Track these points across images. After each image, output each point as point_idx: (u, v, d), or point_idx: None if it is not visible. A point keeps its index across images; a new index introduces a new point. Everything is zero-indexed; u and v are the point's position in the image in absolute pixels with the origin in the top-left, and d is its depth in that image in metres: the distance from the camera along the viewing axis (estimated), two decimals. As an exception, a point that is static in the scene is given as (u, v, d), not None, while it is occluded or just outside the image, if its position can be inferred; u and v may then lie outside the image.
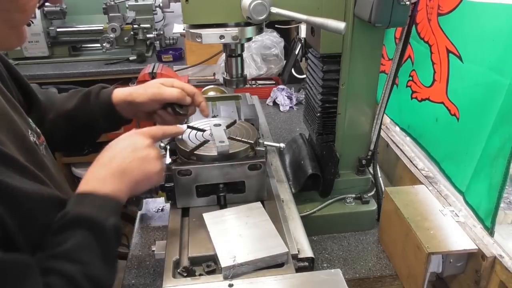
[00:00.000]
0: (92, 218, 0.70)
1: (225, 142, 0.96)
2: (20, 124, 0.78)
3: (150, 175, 0.83)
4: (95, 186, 0.75)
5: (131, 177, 0.79)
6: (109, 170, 0.78)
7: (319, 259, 1.12)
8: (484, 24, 0.96)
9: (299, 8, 0.94)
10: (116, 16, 2.59)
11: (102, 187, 0.75)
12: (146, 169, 0.82)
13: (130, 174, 0.79)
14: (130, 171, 0.79)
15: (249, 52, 2.18)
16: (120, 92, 1.04)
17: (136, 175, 0.80)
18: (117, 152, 0.81)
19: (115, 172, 0.78)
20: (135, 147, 0.82)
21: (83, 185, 0.76)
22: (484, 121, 0.95)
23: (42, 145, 0.85)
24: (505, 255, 0.89)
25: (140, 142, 0.84)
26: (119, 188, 0.77)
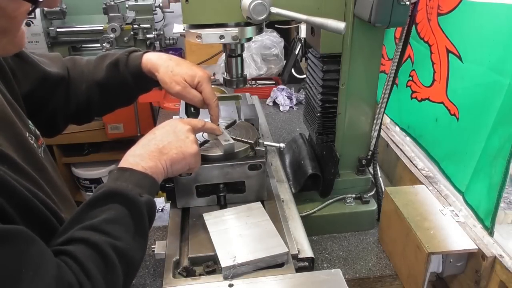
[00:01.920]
0: (127, 193, 0.71)
1: (230, 140, 0.96)
2: (19, 126, 0.78)
3: (186, 156, 0.85)
4: (132, 163, 0.77)
5: (169, 156, 0.82)
6: (147, 148, 0.82)
7: (319, 259, 1.12)
8: (484, 24, 0.96)
9: (299, 8, 0.94)
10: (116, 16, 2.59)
11: (139, 164, 0.78)
12: (183, 149, 0.84)
13: (167, 153, 0.82)
14: (168, 150, 0.83)
15: (249, 52, 2.18)
16: (149, 61, 1.02)
17: (173, 154, 0.83)
18: (157, 134, 0.85)
19: (154, 151, 0.81)
20: (175, 130, 0.87)
21: (122, 162, 0.78)
22: (484, 121, 0.95)
23: (41, 147, 0.84)
24: (505, 255, 0.89)
25: (180, 126, 0.88)
26: (156, 165, 0.80)
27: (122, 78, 1.03)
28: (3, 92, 0.81)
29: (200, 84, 0.98)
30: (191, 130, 0.89)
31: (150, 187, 0.77)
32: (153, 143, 0.83)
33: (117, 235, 0.68)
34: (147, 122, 2.52)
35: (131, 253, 0.69)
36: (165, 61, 1.01)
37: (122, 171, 0.76)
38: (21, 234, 0.59)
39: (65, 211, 0.79)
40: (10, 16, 0.65)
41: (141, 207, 0.72)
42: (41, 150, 0.83)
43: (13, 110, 0.80)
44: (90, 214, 0.69)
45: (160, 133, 0.86)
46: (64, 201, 0.82)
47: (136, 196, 0.72)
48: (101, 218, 0.68)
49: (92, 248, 0.64)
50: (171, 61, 1.00)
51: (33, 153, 0.78)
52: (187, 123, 0.90)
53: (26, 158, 0.75)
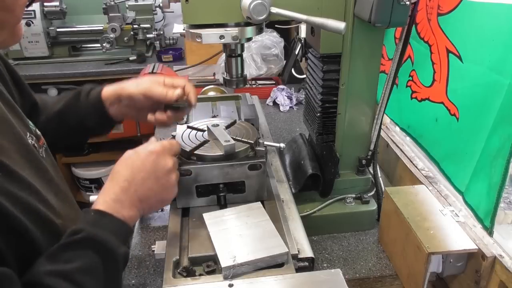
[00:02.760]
0: (107, 244, 0.69)
1: (230, 140, 0.96)
2: (19, 127, 0.78)
3: (164, 202, 0.84)
4: (113, 209, 0.74)
5: (148, 205, 0.80)
6: (128, 196, 0.77)
7: (319, 259, 1.12)
8: (484, 24, 0.96)
9: (299, 8, 0.94)
10: (116, 16, 2.59)
11: (120, 212, 0.74)
12: (163, 197, 0.83)
13: (147, 202, 0.79)
14: (148, 198, 0.79)
15: (249, 52, 2.18)
16: (110, 87, 1.03)
17: (152, 202, 0.80)
18: (140, 177, 0.79)
19: (134, 200, 0.77)
20: (157, 174, 0.80)
21: (101, 203, 0.74)
22: (484, 121, 0.95)
23: (42, 147, 0.84)
24: (505, 255, 0.89)
25: (162, 165, 0.81)
26: (135, 215, 0.77)
27: (80, 108, 1.01)
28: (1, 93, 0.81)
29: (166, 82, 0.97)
30: (174, 162, 0.84)
31: (127, 235, 0.75)
32: (133, 189, 0.77)
33: (87, 286, 0.66)
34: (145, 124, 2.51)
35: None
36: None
37: (102, 215, 0.73)
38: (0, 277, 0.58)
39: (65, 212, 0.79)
40: (9, 9, 0.65)
41: (118, 259, 0.70)
42: (42, 151, 0.83)
43: (12, 111, 0.80)
44: (64, 256, 0.66)
45: (140, 174, 0.79)
46: (66, 201, 0.82)
47: (115, 248, 0.70)
48: (74, 266, 0.65)
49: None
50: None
51: (33, 154, 0.78)
52: (169, 152, 0.84)
53: (27, 160, 0.75)
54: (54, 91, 2.78)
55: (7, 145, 0.71)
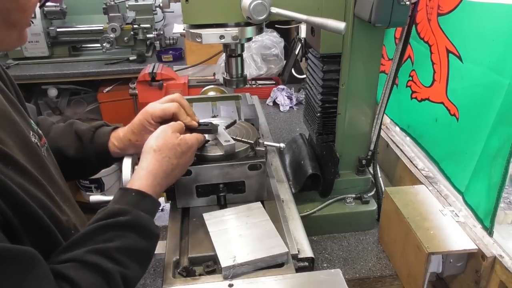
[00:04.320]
0: (149, 227, 0.75)
1: (230, 140, 0.96)
2: (22, 125, 0.78)
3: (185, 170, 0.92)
4: (153, 190, 0.81)
5: (176, 177, 0.89)
6: (167, 180, 0.85)
7: (319, 259, 1.12)
8: (484, 24, 0.96)
9: (299, 8, 0.94)
10: (116, 16, 2.59)
11: (157, 193, 0.82)
12: (186, 167, 0.91)
13: (176, 175, 0.88)
14: (178, 173, 0.89)
15: (249, 52, 2.18)
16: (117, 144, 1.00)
17: (179, 174, 0.90)
18: (181, 166, 0.87)
19: (169, 183, 0.87)
20: (188, 160, 0.89)
21: (144, 181, 0.81)
22: (484, 121, 0.95)
23: (44, 146, 0.84)
24: (505, 255, 0.89)
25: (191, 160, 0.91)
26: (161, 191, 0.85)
27: (84, 153, 1.00)
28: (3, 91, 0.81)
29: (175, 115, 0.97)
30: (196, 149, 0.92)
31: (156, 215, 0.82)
32: (172, 175, 0.86)
33: (128, 265, 0.70)
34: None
35: (135, 281, 0.72)
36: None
37: (143, 197, 0.79)
38: (26, 255, 0.59)
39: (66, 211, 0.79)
40: (22, 8, 0.66)
41: (156, 240, 0.77)
42: (44, 150, 0.83)
43: (15, 109, 0.80)
44: (106, 235, 0.70)
45: (181, 166, 0.88)
46: (66, 200, 0.82)
47: (155, 230, 0.77)
48: (116, 245, 0.69)
49: (103, 276, 0.65)
50: None
51: (37, 153, 0.78)
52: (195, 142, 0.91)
53: (30, 157, 0.75)
54: (54, 91, 2.78)
55: (12, 143, 0.72)
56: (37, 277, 0.59)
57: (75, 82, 2.74)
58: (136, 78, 2.22)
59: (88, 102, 2.96)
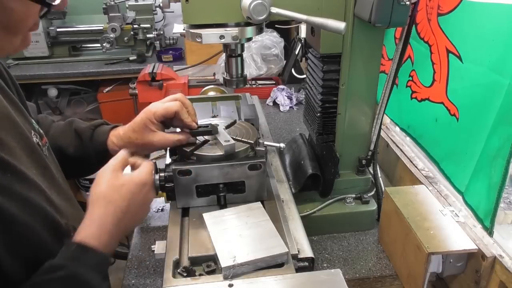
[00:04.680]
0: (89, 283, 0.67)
1: (230, 140, 0.96)
2: (23, 125, 0.78)
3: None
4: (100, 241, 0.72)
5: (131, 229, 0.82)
6: (119, 228, 0.76)
7: (319, 259, 1.12)
8: (484, 24, 0.96)
9: (299, 8, 0.94)
10: (116, 16, 2.59)
11: (107, 244, 0.73)
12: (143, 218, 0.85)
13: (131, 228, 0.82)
14: (131, 228, 0.83)
15: (249, 52, 2.18)
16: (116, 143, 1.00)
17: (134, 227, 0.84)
18: (134, 210, 0.79)
19: (122, 231, 0.77)
20: (145, 207, 0.83)
21: (89, 233, 0.72)
22: (484, 121, 0.95)
23: (45, 146, 0.84)
24: (505, 255, 0.89)
25: (150, 197, 0.84)
26: (115, 246, 0.76)
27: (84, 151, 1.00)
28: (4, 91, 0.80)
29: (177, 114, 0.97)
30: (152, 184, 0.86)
31: (106, 268, 0.74)
32: (123, 223, 0.77)
33: None
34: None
35: None
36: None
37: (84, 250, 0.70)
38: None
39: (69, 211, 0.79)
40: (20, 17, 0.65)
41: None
42: (45, 149, 0.83)
43: (16, 109, 0.80)
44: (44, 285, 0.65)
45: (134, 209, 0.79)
46: (68, 200, 0.82)
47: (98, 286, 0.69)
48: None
49: None
50: None
51: (38, 152, 0.78)
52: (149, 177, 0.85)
53: (32, 159, 0.75)
54: (54, 91, 2.78)
55: (14, 144, 0.71)
56: None
57: (75, 82, 2.74)
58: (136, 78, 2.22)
59: (88, 102, 2.96)
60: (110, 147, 1.00)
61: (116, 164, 0.82)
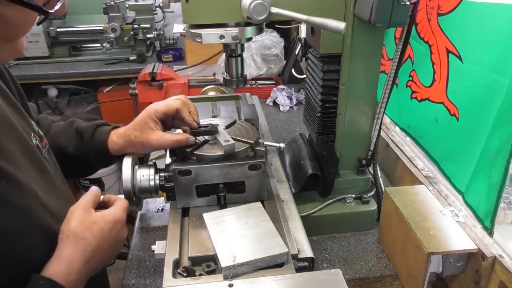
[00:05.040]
0: None
1: (230, 140, 0.96)
2: (22, 127, 0.77)
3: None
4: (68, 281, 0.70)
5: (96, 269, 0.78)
6: (89, 266, 0.74)
7: (319, 259, 1.12)
8: (484, 24, 0.96)
9: (299, 8, 0.94)
10: (116, 16, 2.59)
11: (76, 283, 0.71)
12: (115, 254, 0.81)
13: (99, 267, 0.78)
14: (102, 265, 0.79)
15: (249, 52, 2.18)
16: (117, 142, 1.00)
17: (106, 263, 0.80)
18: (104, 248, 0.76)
19: (92, 269, 0.75)
20: (117, 244, 0.80)
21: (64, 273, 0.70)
22: (484, 121, 0.95)
23: (45, 148, 0.84)
24: (505, 255, 0.89)
25: (123, 234, 0.81)
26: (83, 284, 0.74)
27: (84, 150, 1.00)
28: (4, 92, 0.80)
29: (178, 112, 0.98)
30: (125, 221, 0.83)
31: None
32: (95, 259, 0.75)
33: None
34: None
35: None
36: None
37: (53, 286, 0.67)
38: None
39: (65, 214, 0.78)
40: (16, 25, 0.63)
41: None
42: (45, 151, 0.83)
43: (16, 111, 0.79)
44: None
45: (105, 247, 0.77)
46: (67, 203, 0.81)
47: None
48: None
49: None
50: None
51: (37, 155, 0.78)
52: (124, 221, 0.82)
53: (30, 161, 0.74)
54: (54, 91, 2.78)
55: (12, 147, 0.71)
56: None
57: (75, 82, 2.74)
58: (136, 78, 2.22)
59: (88, 102, 2.96)
60: (110, 146, 1.00)
61: (88, 201, 0.79)
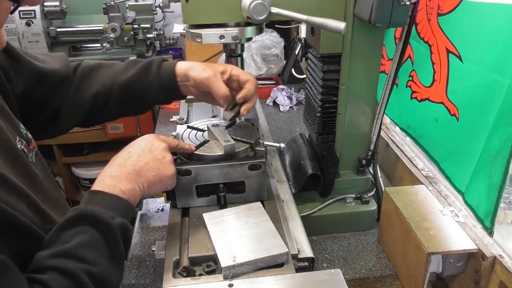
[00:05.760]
0: (98, 216, 0.69)
1: (230, 140, 0.96)
2: (8, 131, 0.76)
3: (164, 178, 0.84)
4: (109, 185, 0.75)
5: (145, 178, 0.81)
6: (124, 169, 0.79)
7: (319, 259, 1.12)
8: (484, 24, 0.96)
9: (299, 8, 0.94)
10: (116, 16, 2.59)
11: (117, 187, 0.76)
12: (160, 171, 0.83)
13: (144, 175, 0.81)
14: (145, 172, 0.81)
15: (249, 52, 2.18)
16: (183, 65, 1.00)
17: (150, 176, 0.81)
18: (134, 152, 0.82)
19: (130, 173, 0.79)
20: (151, 148, 0.84)
21: (97, 183, 0.76)
22: (484, 121, 0.95)
23: (32, 151, 0.82)
24: (505, 255, 0.89)
25: (157, 144, 0.85)
26: (133, 188, 0.78)
27: (150, 80, 1.00)
28: None
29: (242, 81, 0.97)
30: (167, 148, 0.87)
31: (124, 210, 0.75)
32: (129, 163, 0.80)
33: (92, 260, 0.66)
34: (147, 122, 2.52)
35: (107, 279, 0.67)
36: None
37: (93, 194, 0.74)
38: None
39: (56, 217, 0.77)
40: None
41: (115, 230, 0.70)
42: (32, 155, 0.81)
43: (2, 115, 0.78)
44: (61, 237, 0.67)
45: (136, 152, 0.83)
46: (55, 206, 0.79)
47: (108, 219, 0.70)
48: (74, 243, 0.66)
49: (67, 276, 0.62)
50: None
51: (22, 159, 0.76)
52: (163, 140, 0.87)
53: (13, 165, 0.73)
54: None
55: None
56: (11, 280, 0.58)
57: (75, 82, 2.74)
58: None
59: (88, 102, 2.95)
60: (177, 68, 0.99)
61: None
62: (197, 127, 1.08)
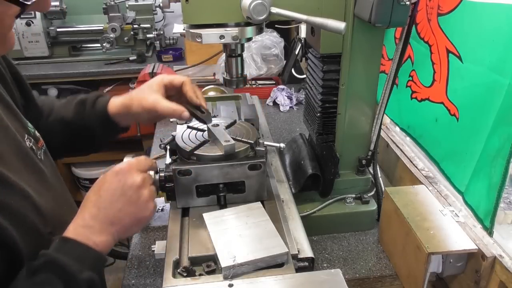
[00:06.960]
0: (66, 267, 0.66)
1: (230, 140, 0.96)
2: (16, 129, 0.77)
3: (141, 219, 0.80)
4: (80, 235, 0.72)
5: (120, 225, 0.76)
6: (97, 220, 0.74)
7: (319, 259, 1.12)
8: (484, 24, 0.96)
9: (299, 8, 0.94)
10: (116, 16, 2.59)
11: (88, 239, 0.72)
12: (137, 215, 0.78)
13: (119, 223, 0.76)
14: (120, 220, 0.76)
15: (249, 52, 2.18)
16: (116, 103, 1.02)
17: (125, 222, 0.77)
18: (105, 197, 0.76)
19: (105, 224, 0.75)
20: (124, 189, 0.77)
21: (70, 230, 0.73)
22: (484, 121, 0.95)
23: (41, 149, 0.83)
24: (505, 255, 0.89)
25: (130, 182, 0.78)
26: (106, 240, 0.74)
27: (86, 117, 1.01)
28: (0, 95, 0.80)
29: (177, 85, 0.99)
30: (143, 178, 0.80)
31: (95, 262, 0.72)
32: (102, 212, 0.75)
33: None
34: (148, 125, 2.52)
35: None
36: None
37: (65, 242, 0.70)
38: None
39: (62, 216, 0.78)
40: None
41: (80, 284, 0.67)
42: (40, 153, 0.82)
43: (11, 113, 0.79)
44: (27, 283, 0.65)
45: (108, 195, 0.76)
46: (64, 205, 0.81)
47: (75, 272, 0.67)
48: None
49: None
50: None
51: (30, 157, 0.77)
52: (135, 169, 0.80)
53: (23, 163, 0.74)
54: (54, 91, 2.78)
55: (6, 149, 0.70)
56: None
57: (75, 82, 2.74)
58: (136, 78, 2.22)
59: (88, 102, 2.95)
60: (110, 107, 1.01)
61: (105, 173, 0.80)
62: (197, 127, 1.08)
